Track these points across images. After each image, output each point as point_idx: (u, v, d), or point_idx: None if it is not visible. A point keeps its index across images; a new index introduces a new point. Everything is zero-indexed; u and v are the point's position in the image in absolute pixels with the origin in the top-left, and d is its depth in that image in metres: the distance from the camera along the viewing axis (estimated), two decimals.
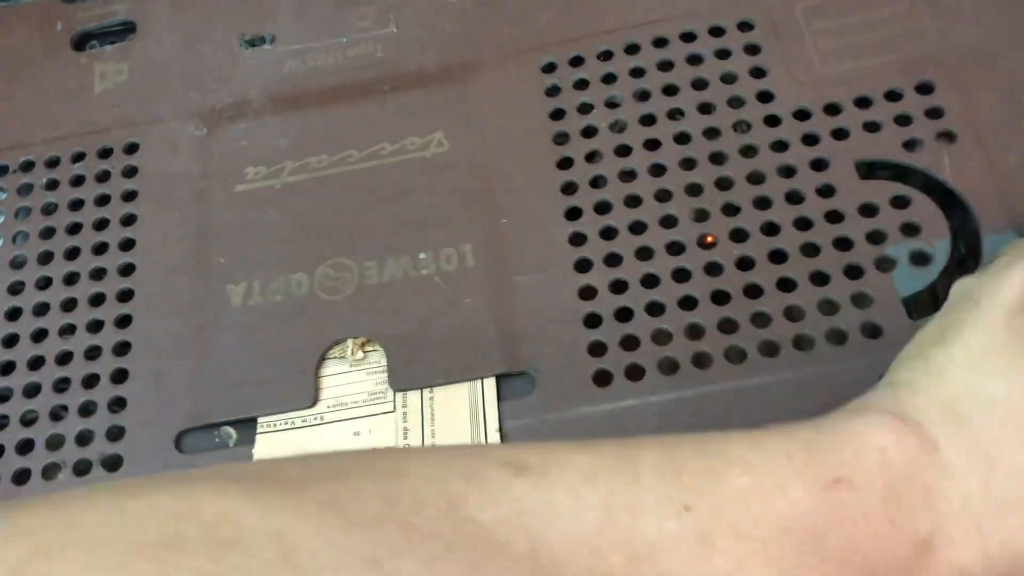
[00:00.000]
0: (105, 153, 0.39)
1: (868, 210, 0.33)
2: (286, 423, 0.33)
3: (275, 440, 0.33)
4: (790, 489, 0.21)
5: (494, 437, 0.31)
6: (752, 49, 0.37)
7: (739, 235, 0.33)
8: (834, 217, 0.33)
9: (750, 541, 0.20)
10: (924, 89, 0.35)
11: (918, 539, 0.21)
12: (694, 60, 0.37)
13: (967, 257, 0.32)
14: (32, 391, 0.35)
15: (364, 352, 0.34)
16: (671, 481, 0.21)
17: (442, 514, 0.20)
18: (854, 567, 0.21)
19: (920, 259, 0.32)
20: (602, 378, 0.32)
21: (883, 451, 0.22)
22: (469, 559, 0.19)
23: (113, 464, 0.33)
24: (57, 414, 0.34)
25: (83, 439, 0.34)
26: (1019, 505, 0.21)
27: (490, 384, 0.32)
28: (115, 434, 0.33)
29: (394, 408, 0.33)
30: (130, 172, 0.38)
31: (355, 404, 0.33)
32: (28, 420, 0.34)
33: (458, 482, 0.20)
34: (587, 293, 0.33)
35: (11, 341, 0.36)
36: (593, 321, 0.33)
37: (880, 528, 0.21)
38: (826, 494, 0.21)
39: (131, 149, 0.39)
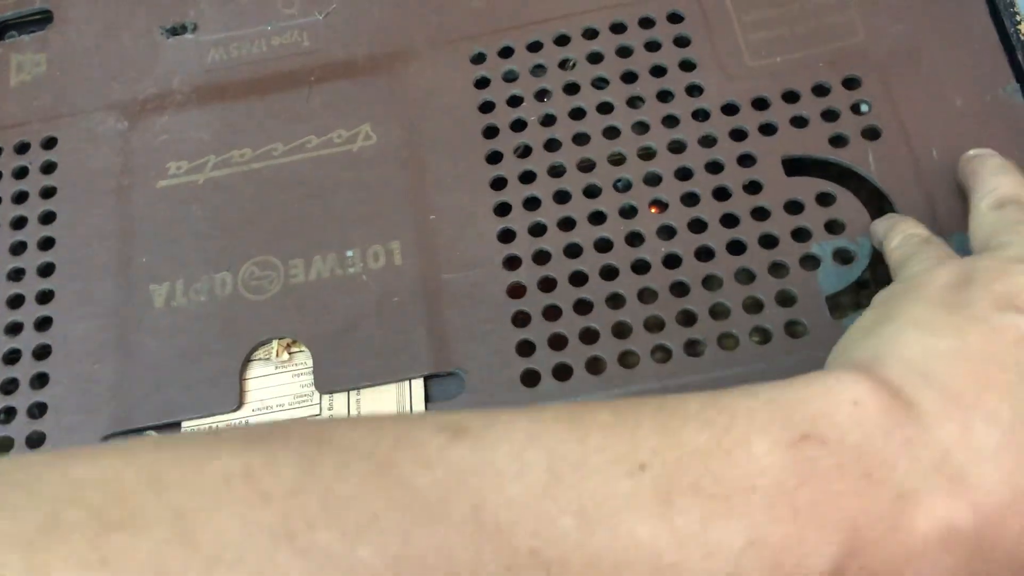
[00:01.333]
0: (22, 148, 0.38)
1: (794, 207, 0.33)
2: (210, 428, 0.32)
3: None
4: (752, 445, 0.20)
5: None
6: (682, 41, 0.36)
7: (667, 232, 0.33)
8: (760, 214, 0.33)
9: (713, 500, 0.19)
10: (851, 84, 0.35)
11: (900, 492, 0.20)
12: (624, 52, 0.36)
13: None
14: None
15: (290, 354, 0.34)
16: (624, 440, 0.20)
17: (368, 479, 0.18)
18: (832, 523, 0.19)
19: (844, 257, 0.32)
20: (530, 378, 0.32)
21: (856, 404, 0.21)
22: (399, 527, 0.18)
23: None
24: None
25: (2, 445, 0.33)
26: (1000, 452, 0.20)
27: (418, 385, 0.32)
28: (35, 440, 0.33)
29: (320, 411, 0.32)
30: (48, 168, 0.37)
31: (280, 407, 0.33)
32: None
33: (388, 446, 0.19)
34: (516, 291, 0.33)
35: None
36: (521, 320, 0.33)
37: (857, 483, 0.20)
38: (793, 450, 0.20)
39: (49, 144, 0.38)
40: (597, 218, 0.34)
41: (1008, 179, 0.29)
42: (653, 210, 0.34)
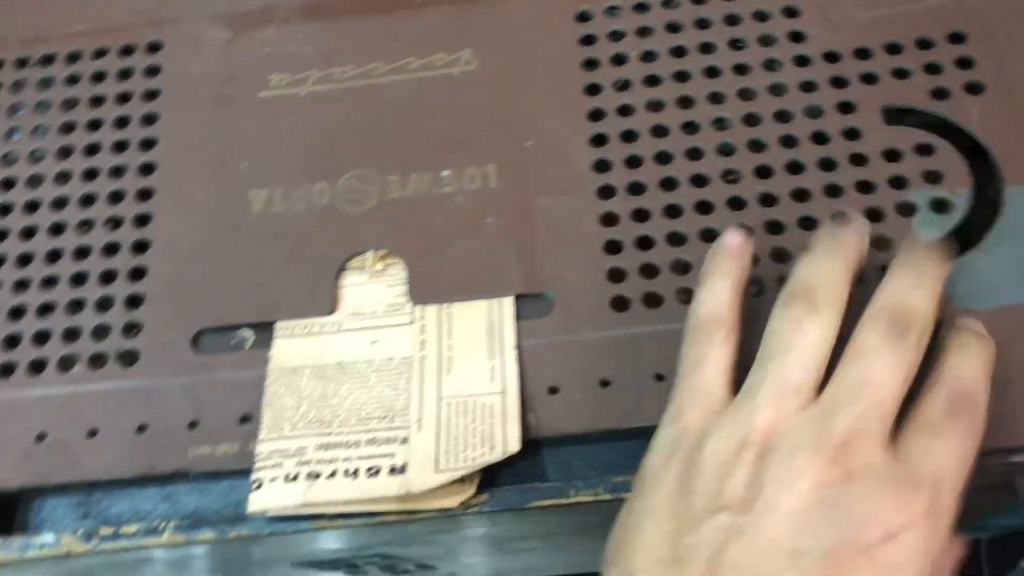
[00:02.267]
0: (127, 51, 0.39)
1: (892, 155, 0.33)
2: (304, 329, 0.33)
3: (292, 345, 0.33)
4: None
5: (510, 354, 0.32)
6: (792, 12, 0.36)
7: (763, 172, 0.34)
8: (858, 160, 0.33)
9: None
10: (956, 39, 0.35)
11: None
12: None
13: (988, 208, 0.32)
14: (49, 283, 0.35)
15: (384, 264, 0.34)
16: None
17: None
18: None
19: (941, 206, 0.32)
20: (620, 303, 0.32)
21: None
22: None
23: (129, 359, 0.33)
24: (74, 306, 0.34)
25: (99, 332, 0.34)
26: None
27: (508, 303, 0.33)
28: (131, 330, 0.34)
29: (412, 320, 0.33)
30: (153, 71, 0.38)
31: (373, 314, 0.33)
32: (45, 311, 0.34)
33: None
34: (608, 220, 0.34)
35: (29, 233, 0.36)
36: (613, 248, 0.33)
37: None
38: None
39: (153, 48, 0.38)
40: (694, 154, 0.34)
41: (816, 267, 0.28)
42: None
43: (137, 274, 0.35)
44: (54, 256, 0.35)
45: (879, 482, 0.24)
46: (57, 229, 0.36)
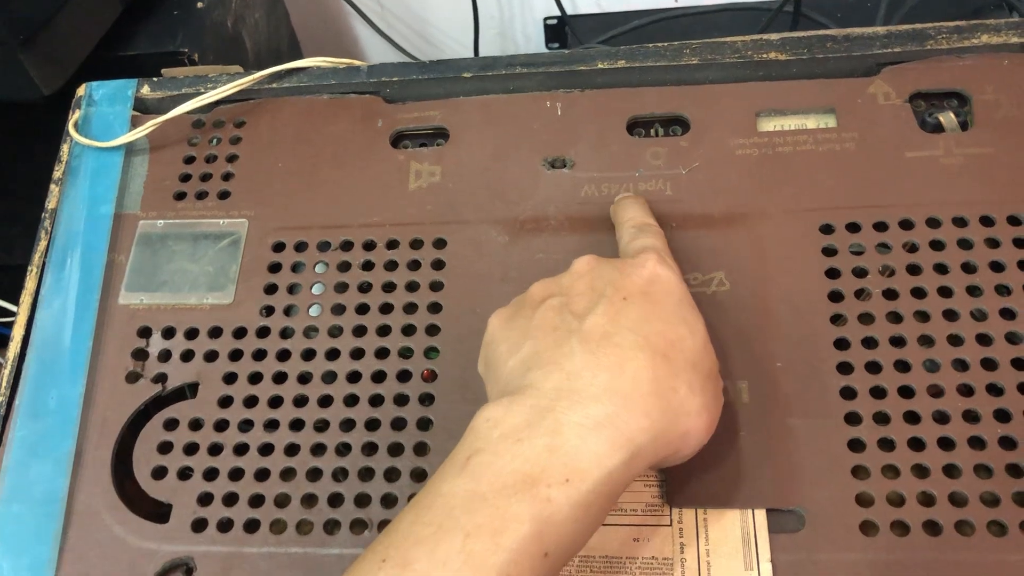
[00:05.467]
0: (416, 244, 0.44)
1: None
2: None
3: None
4: (446, 480, 0.31)
5: (766, 566, 0.35)
6: (1020, 243, 0.40)
7: (1002, 415, 0.37)
8: None
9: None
10: None
11: (552, 443, 0.31)
12: (964, 244, 0.40)
13: None
14: (340, 451, 0.39)
15: None
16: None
17: None
18: (510, 486, 0.30)
19: None
20: (868, 528, 0.35)
21: (488, 419, 0.32)
22: None
23: None
24: (367, 474, 0.39)
25: (387, 501, 0.38)
26: (589, 377, 0.32)
27: (761, 515, 0.36)
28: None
29: (670, 523, 0.36)
30: (438, 264, 0.43)
31: (633, 512, 0.37)
32: (336, 475, 0.39)
33: None
34: (856, 445, 0.37)
35: (325, 401, 0.41)
36: (861, 473, 0.36)
37: (515, 458, 0.31)
38: (467, 465, 0.31)
39: (440, 244, 0.44)
40: (935, 389, 0.37)
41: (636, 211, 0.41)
42: None
43: (420, 449, 0.39)
44: (372, 425, 0.40)
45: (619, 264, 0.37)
46: (350, 400, 0.41)
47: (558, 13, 0.87)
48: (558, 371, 0.33)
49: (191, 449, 0.40)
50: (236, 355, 0.42)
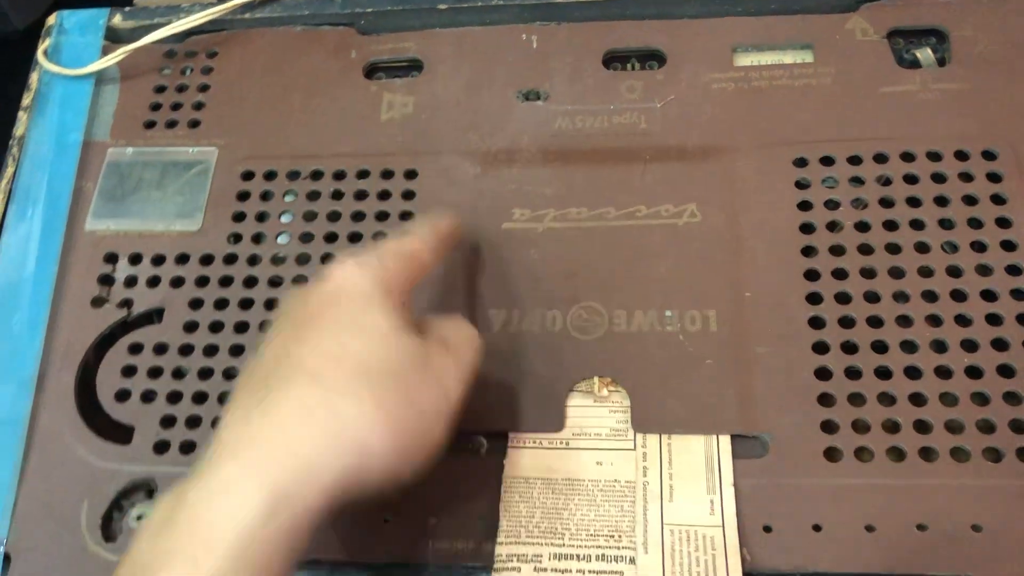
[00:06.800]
0: (387, 174, 0.44)
1: None
2: (534, 442, 0.37)
3: (523, 456, 0.36)
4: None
5: (728, 491, 0.35)
6: (994, 177, 0.40)
7: (969, 345, 0.36)
8: None
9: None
10: None
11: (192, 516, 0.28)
12: (938, 178, 0.40)
13: None
14: None
15: (609, 391, 0.38)
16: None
17: None
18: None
19: None
20: (832, 454, 0.35)
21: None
22: None
23: None
24: None
25: None
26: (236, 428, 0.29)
27: (725, 440, 0.36)
28: None
29: (634, 447, 0.36)
30: (408, 195, 0.43)
31: (597, 436, 0.37)
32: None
33: None
34: (823, 374, 0.37)
35: None
36: (827, 400, 0.36)
37: (206, 514, 0.28)
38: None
39: (411, 175, 0.44)
40: (904, 321, 0.37)
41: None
42: None
43: None
44: None
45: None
46: None
47: None
48: (227, 423, 0.30)
49: (155, 373, 0.40)
50: (203, 281, 0.42)
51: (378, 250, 0.34)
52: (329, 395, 0.29)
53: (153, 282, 0.42)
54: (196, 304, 0.41)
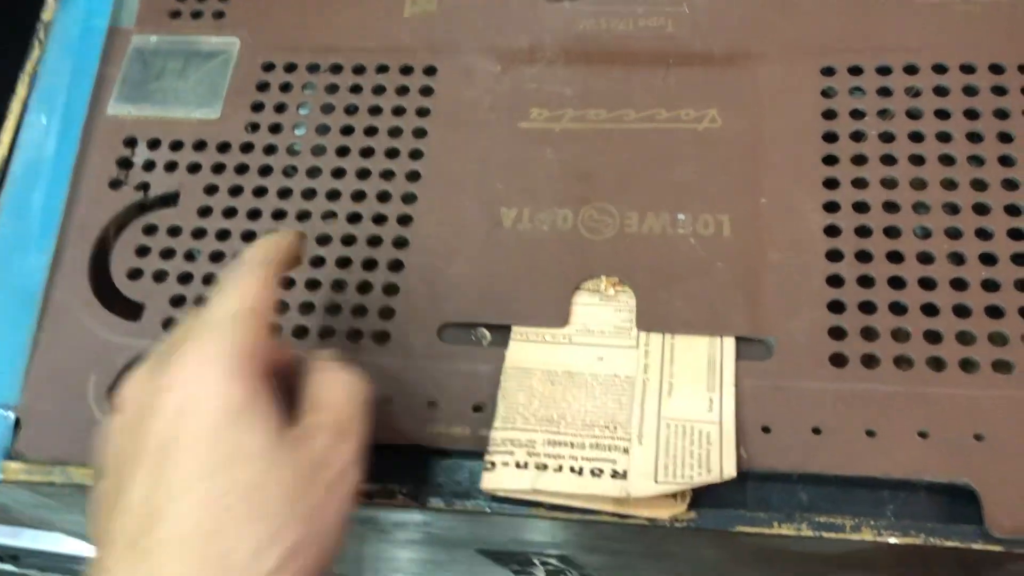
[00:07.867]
0: (406, 70, 0.43)
1: None
2: (537, 336, 0.37)
3: (526, 348, 0.36)
4: None
5: (729, 390, 0.34)
6: None
7: (988, 259, 0.35)
8: None
9: None
10: None
11: None
12: (969, 91, 0.39)
13: None
14: (315, 264, 0.39)
15: (615, 290, 0.37)
16: None
17: None
18: None
19: None
20: (838, 360, 0.35)
21: None
22: None
23: (381, 338, 0.37)
24: (337, 286, 0.39)
25: (359, 311, 0.38)
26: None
27: (730, 342, 0.35)
28: (386, 313, 0.38)
29: (636, 345, 0.36)
30: (427, 91, 0.43)
31: (601, 333, 0.36)
32: (308, 285, 0.39)
33: None
34: (834, 281, 0.36)
35: (302, 216, 0.40)
36: (837, 307, 0.35)
37: None
38: None
39: (430, 71, 0.43)
40: (923, 231, 0.36)
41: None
42: None
43: (396, 266, 0.39)
44: (349, 240, 0.39)
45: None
46: (328, 216, 0.40)
47: None
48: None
49: (168, 254, 0.40)
50: (219, 168, 0.42)
51: (216, 322, 0.28)
52: (226, 556, 0.26)
53: (171, 167, 0.42)
54: (211, 190, 0.41)
